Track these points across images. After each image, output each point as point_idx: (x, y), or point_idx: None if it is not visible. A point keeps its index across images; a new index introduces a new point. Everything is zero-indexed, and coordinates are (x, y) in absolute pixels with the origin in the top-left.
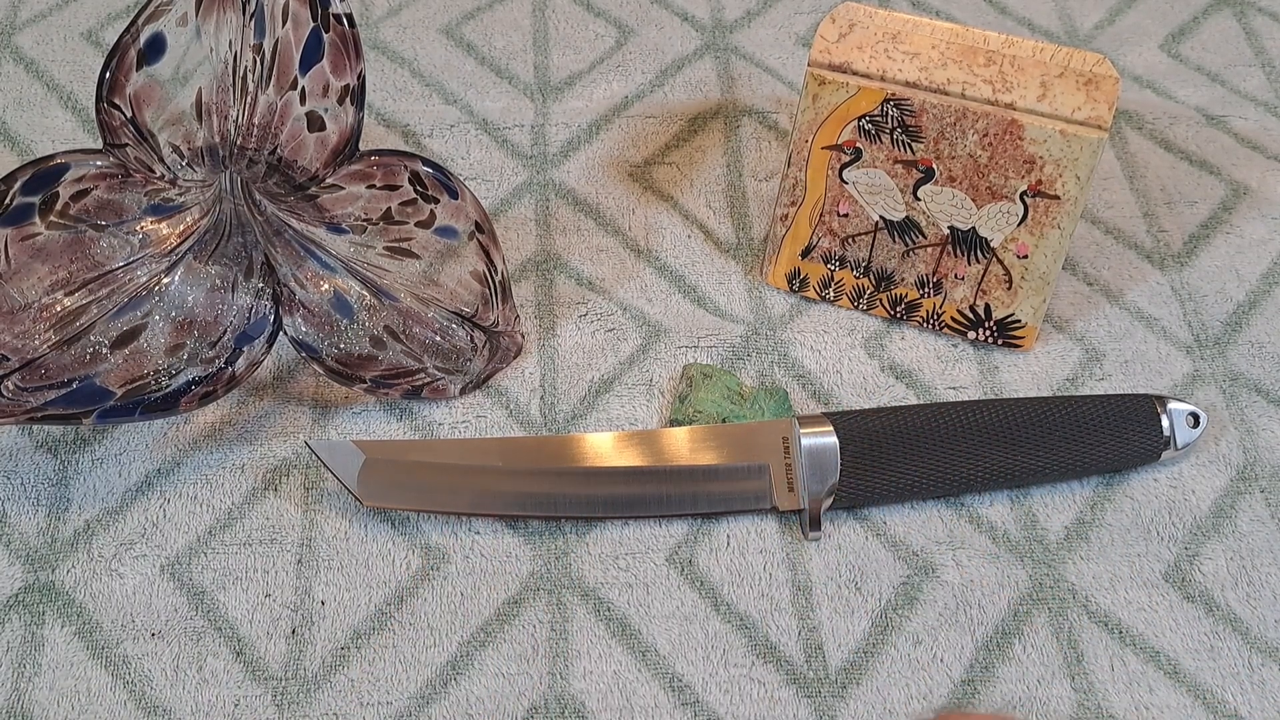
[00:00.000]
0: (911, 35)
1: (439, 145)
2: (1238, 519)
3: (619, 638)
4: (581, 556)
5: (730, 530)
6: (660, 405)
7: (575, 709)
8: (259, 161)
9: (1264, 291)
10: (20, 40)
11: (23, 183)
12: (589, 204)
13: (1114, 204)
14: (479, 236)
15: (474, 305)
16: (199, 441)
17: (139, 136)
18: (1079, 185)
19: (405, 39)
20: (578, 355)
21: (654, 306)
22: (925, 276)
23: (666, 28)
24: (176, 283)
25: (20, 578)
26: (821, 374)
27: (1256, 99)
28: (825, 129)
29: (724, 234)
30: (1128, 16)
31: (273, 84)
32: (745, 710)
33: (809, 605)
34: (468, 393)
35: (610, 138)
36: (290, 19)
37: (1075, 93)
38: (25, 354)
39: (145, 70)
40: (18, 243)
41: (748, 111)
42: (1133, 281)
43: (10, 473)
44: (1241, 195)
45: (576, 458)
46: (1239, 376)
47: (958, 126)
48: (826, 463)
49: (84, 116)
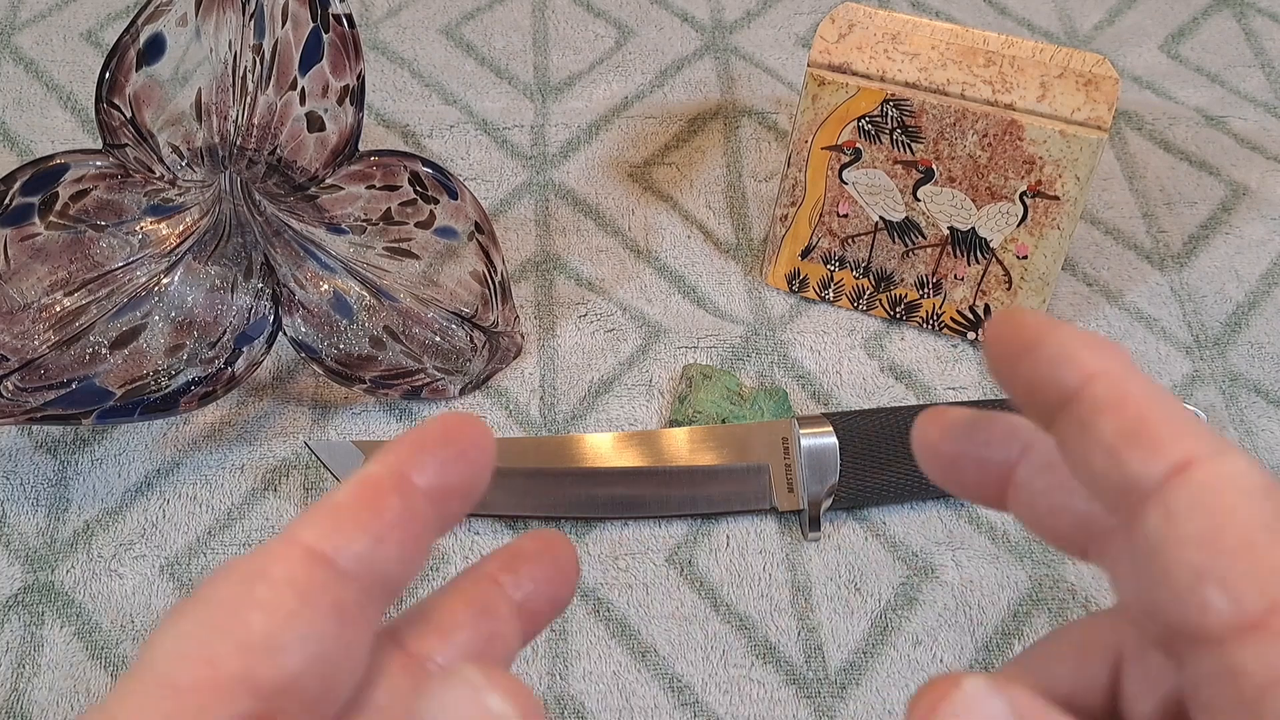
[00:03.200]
0: (911, 36)
1: (439, 145)
2: None
3: (619, 638)
4: (581, 557)
5: (730, 531)
6: (660, 406)
7: (575, 709)
8: (259, 162)
9: (1263, 292)
10: (20, 40)
11: (22, 183)
12: (589, 204)
13: (1114, 204)
14: (479, 237)
15: (474, 306)
16: (199, 442)
17: (139, 137)
18: (1079, 186)
19: (405, 39)
20: (577, 356)
21: (654, 307)
22: (925, 277)
23: (666, 28)
24: (176, 283)
25: (20, 578)
26: (821, 374)
27: (1256, 100)
28: (825, 129)
29: (724, 234)
30: (1127, 17)
31: (272, 84)
32: (745, 711)
33: (808, 606)
34: (467, 393)
35: (610, 138)
36: (290, 19)
37: (1075, 93)
38: (25, 354)
39: (145, 70)
40: (17, 243)
41: (747, 112)
42: (1132, 282)
43: (10, 473)
44: (1241, 196)
45: (576, 458)
46: (1238, 377)
47: (957, 127)
48: (826, 463)
49: (84, 117)
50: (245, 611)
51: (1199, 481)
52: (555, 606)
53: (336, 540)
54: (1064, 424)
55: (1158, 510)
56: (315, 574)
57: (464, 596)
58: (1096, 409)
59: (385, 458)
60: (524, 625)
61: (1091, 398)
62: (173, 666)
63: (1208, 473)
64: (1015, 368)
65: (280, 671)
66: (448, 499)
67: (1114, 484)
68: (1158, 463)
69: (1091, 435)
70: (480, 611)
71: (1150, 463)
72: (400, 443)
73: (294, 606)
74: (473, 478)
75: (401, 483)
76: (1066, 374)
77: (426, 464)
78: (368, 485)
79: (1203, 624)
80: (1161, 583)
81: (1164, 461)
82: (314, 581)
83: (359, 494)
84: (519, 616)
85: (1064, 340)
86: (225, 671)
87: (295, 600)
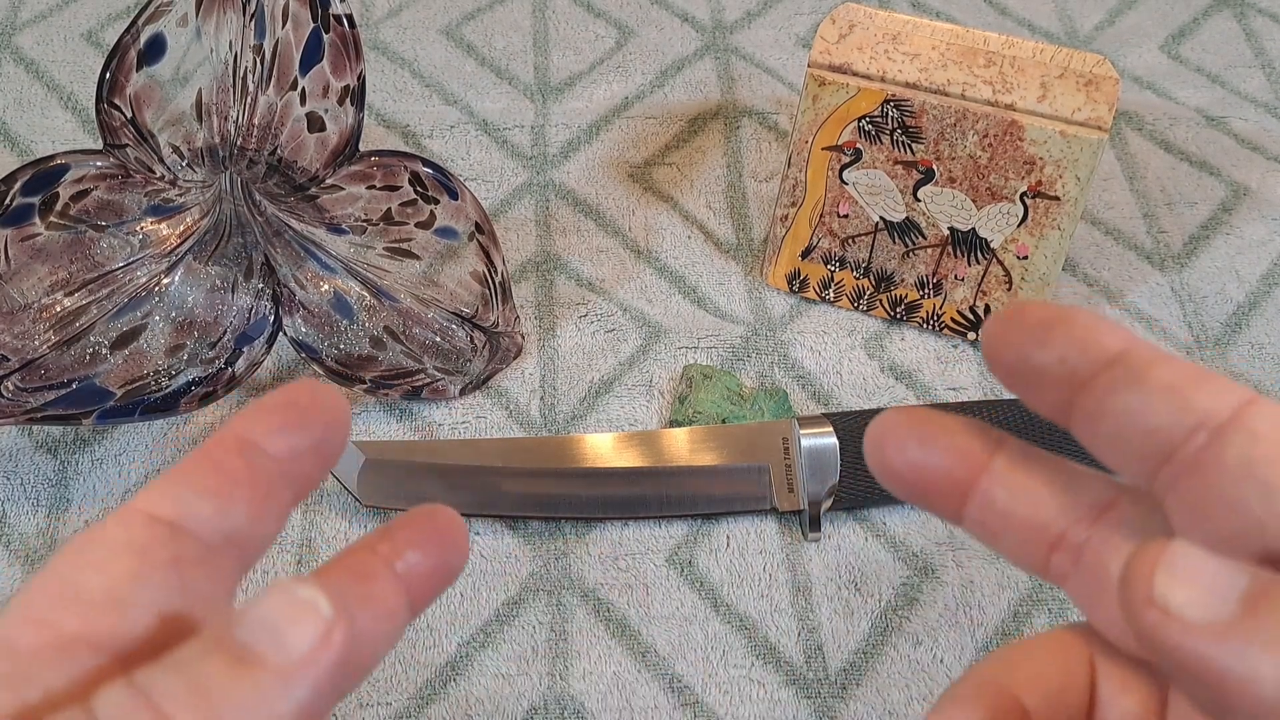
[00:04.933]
0: (911, 36)
1: (439, 146)
2: None
3: (619, 638)
4: (581, 557)
5: (730, 531)
6: (660, 406)
7: (575, 710)
8: (259, 162)
9: (1264, 292)
10: (21, 41)
11: (23, 183)
12: (589, 205)
13: (1114, 205)
14: (479, 237)
15: (474, 306)
16: (199, 442)
17: (139, 137)
18: (1079, 186)
19: (405, 40)
20: (578, 356)
21: (654, 307)
22: (925, 277)
23: (666, 28)
24: (176, 283)
25: (20, 578)
26: (821, 375)
27: (1256, 100)
28: (825, 130)
29: (724, 235)
30: (1128, 17)
31: (273, 84)
32: (745, 711)
33: (809, 606)
34: (468, 393)
35: (610, 138)
36: (290, 19)
37: (1075, 93)
38: (25, 354)
39: (145, 71)
40: (18, 243)
41: (748, 112)
42: (1133, 282)
43: (10, 473)
44: (1241, 196)
45: (576, 458)
46: (1239, 377)
47: (958, 127)
48: (826, 463)
49: (84, 117)
50: (83, 574)
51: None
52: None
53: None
54: (1105, 385)
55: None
56: (151, 534)
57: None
58: (1151, 362)
59: (229, 424)
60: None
61: (1140, 356)
62: (12, 632)
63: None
64: (1038, 350)
65: (122, 626)
66: (295, 458)
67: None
68: (1228, 397)
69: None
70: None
71: (1221, 397)
72: (244, 410)
73: (132, 565)
74: (319, 434)
75: (243, 444)
76: (1108, 340)
77: (267, 426)
78: (209, 448)
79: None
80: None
81: (1234, 395)
82: (151, 541)
83: (199, 457)
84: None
85: (1090, 318)
86: (64, 631)
87: (133, 560)
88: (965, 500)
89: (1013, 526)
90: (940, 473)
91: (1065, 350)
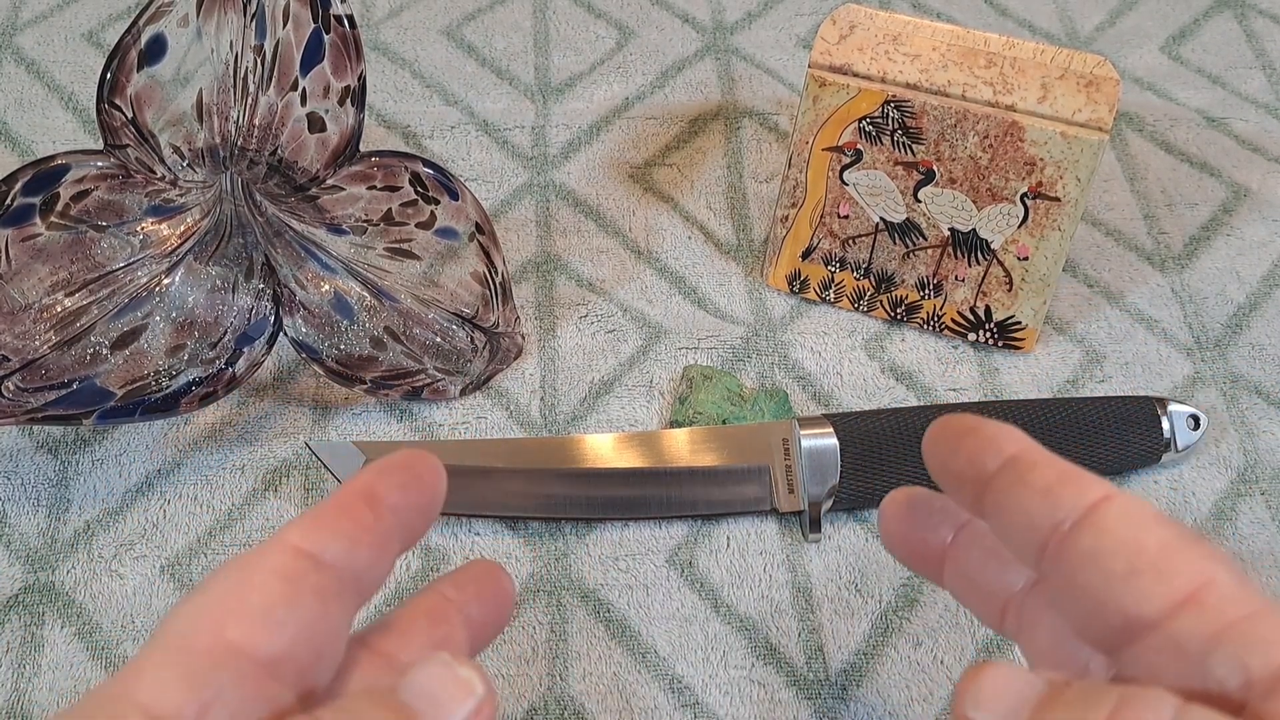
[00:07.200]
0: (912, 37)
1: (439, 146)
2: (1238, 521)
3: (619, 639)
4: (581, 558)
5: (730, 532)
6: (660, 406)
7: (575, 710)
8: (260, 162)
9: (1264, 294)
10: (21, 41)
11: (23, 183)
12: (589, 205)
13: (1114, 206)
14: (479, 237)
15: (474, 306)
16: (199, 442)
17: (140, 137)
18: (1079, 187)
19: (406, 40)
20: (578, 356)
21: (654, 308)
22: (926, 278)
23: (667, 29)
24: (177, 284)
25: (20, 578)
26: (822, 375)
27: (1257, 101)
28: (826, 130)
29: (724, 235)
30: (1128, 18)
31: (273, 85)
32: (745, 712)
33: (809, 607)
34: (468, 394)
35: (611, 139)
36: (291, 20)
37: (1076, 94)
38: (26, 354)
39: (146, 71)
40: (18, 243)
41: (748, 113)
42: (1133, 283)
43: (10, 473)
44: (1242, 197)
45: (576, 459)
46: (1239, 378)
47: (958, 128)
48: (827, 464)
49: (85, 117)
50: (245, 592)
51: (1119, 506)
52: (494, 628)
53: (317, 539)
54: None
55: (1090, 530)
56: (300, 565)
57: (419, 607)
58: (1033, 465)
59: (358, 478)
60: (470, 638)
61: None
62: (187, 632)
63: (1122, 501)
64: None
65: (275, 642)
66: (408, 514)
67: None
68: (1086, 495)
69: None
70: (434, 619)
71: (1081, 495)
72: (369, 468)
73: (284, 590)
74: (427, 498)
75: (371, 497)
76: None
77: (390, 484)
78: (344, 498)
79: (1140, 611)
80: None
81: (1091, 493)
82: (299, 571)
83: (336, 504)
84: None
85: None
86: (231, 637)
87: (285, 585)
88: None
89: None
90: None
91: (972, 454)
